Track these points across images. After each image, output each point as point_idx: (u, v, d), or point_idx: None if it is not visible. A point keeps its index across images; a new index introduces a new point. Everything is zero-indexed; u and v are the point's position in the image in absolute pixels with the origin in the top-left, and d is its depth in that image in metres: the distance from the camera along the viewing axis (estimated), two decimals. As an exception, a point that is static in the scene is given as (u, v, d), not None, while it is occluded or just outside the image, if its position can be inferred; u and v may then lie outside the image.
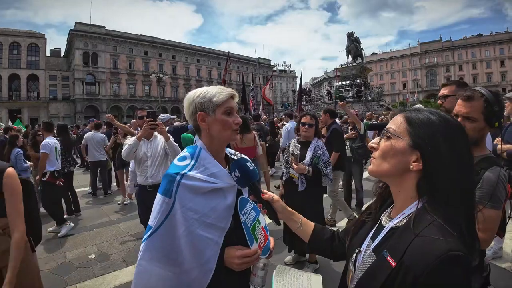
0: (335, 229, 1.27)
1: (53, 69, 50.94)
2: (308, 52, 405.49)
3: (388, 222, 0.91)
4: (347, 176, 5.98)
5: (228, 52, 25.92)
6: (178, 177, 1.18)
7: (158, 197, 1.19)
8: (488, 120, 1.56)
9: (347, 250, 1.07)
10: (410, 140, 0.85)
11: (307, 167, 3.44)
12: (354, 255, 0.99)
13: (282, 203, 1.26)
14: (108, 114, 5.25)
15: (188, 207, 1.16)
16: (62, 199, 5.80)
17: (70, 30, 49.89)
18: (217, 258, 1.20)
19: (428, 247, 0.72)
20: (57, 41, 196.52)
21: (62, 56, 56.33)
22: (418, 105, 5.73)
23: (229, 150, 1.47)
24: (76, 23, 49.81)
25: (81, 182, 8.84)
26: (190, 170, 1.21)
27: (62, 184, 5.40)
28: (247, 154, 5.01)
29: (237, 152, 1.48)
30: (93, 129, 7.92)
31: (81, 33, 49.13)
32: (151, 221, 1.18)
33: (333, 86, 37.54)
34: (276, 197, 1.25)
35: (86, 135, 7.76)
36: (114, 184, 8.47)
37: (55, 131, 6.66)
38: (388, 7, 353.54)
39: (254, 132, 5.14)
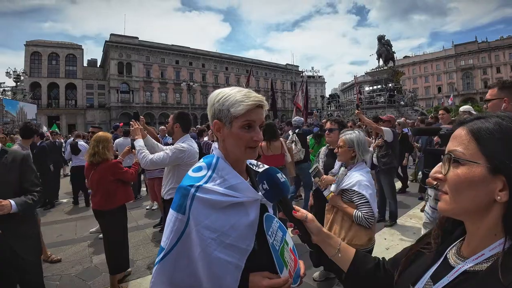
0: (381, 257, 1.05)
1: (90, 78, 53.65)
2: (337, 56, 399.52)
3: (460, 263, 0.71)
4: (380, 186, 5.68)
5: (251, 67, 26.07)
6: (192, 190, 1.02)
7: (171, 213, 1.04)
8: None
9: (394, 286, 0.88)
10: (488, 163, 0.64)
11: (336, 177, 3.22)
12: None
13: (317, 223, 1.04)
14: (141, 117, 5.11)
15: (204, 224, 1.00)
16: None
17: (106, 41, 52.22)
18: (238, 285, 1.01)
19: None
20: (93, 52, 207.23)
21: (98, 66, 59.21)
22: (466, 106, 5.10)
23: (250, 161, 1.29)
24: (111, 34, 52.09)
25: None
26: (206, 182, 1.05)
27: None
28: (274, 162, 4.84)
29: (259, 163, 1.30)
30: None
31: (115, 44, 51.31)
32: (163, 242, 1.04)
33: (363, 91, 36.66)
34: (310, 215, 1.04)
35: (116, 141, 7.94)
36: (143, 189, 8.62)
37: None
38: (418, 9, 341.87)
39: (281, 139, 5.00)
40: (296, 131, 6.46)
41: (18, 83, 35.65)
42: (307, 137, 6.58)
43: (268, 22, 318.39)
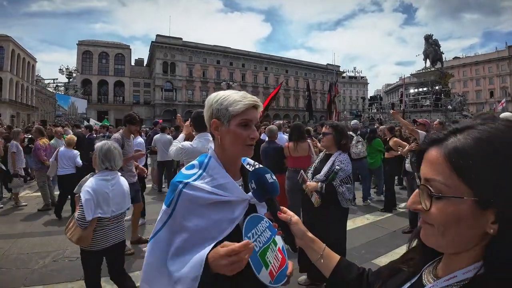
0: (367, 268, 1.02)
1: (136, 76, 56.96)
2: (381, 57, 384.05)
3: (432, 282, 0.66)
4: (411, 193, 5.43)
5: (283, 80, 26.12)
6: (180, 186, 1.10)
7: (163, 205, 1.15)
8: None
9: None
10: (475, 197, 0.54)
11: (319, 184, 3.12)
12: None
13: (302, 226, 1.04)
14: (178, 115, 5.57)
15: (187, 218, 1.08)
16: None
17: (152, 42, 54.89)
18: (204, 258, 1.00)
19: None
20: (140, 52, 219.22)
21: (144, 65, 62.50)
22: (507, 114, 4.71)
23: (248, 161, 1.35)
24: (157, 35, 54.53)
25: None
26: (195, 180, 1.12)
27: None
28: (300, 163, 4.83)
29: (256, 163, 1.35)
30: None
31: (161, 45, 53.69)
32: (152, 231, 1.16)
33: (408, 94, 34.97)
34: (295, 218, 1.04)
35: (155, 137, 8.38)
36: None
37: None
38: (470, 8, 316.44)
39: (308, 140, 4.97)
40: (359, 132, 7.22)
41: (71, 80, 38.58)
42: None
43: (310, 22, 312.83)
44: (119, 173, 2.85)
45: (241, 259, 0.96)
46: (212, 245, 1.04)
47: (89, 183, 2.59)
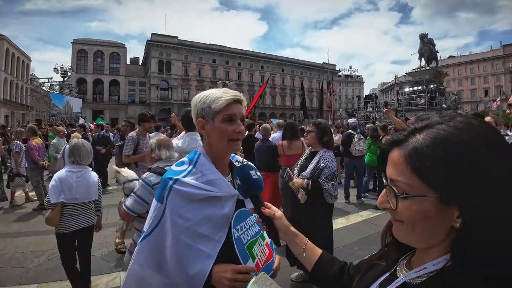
0: (348, 262, 1.04)
1: (132, 75, 56.75)
2: (377, 55, 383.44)
3: (405, 273, 0.68)
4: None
5: (268, 77, 26.18)
6: (170, 182, 1.12)
7: (153, 202, 1.16)
8: None
9: None
10: (436, 194, 0.56)
11: (305, 180, 3.17)
12: None
13: (285, 221, 1.06)
14: (172, 114, 5.83)
15: (178, 214, 1.10)
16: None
17: (147, 40, 54.65)
18: (207, 273, 1.09)
19: None
20: (136, 50, 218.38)
21: (140, 64, 62.27)
22: (488, 118, 4.82)
23: (236, 158, 1.37)
24: (152, 34, 54.34)
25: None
26: (185, 176, 1.15)
27: None
28: (294, 161, 4.88)
29: (244, 160, 1.37)
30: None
31: (156, 43, 53.50)
32: (145, 226, 1.16)
33: (403, 92, 35.16)
34: (279, 213, 1.06)
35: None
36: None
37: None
38: (465, 7, 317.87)
39: (302, 139, 5.02)
40: (358, 131, 7.35)
41: (65, 79, 38.24)
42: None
43: (306, 21, 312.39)
44: (90, 168, 3.19)
45: (244, 279, 1.08)
46: (217, 250, 1.12)
47: (58, 173, 3.02)
